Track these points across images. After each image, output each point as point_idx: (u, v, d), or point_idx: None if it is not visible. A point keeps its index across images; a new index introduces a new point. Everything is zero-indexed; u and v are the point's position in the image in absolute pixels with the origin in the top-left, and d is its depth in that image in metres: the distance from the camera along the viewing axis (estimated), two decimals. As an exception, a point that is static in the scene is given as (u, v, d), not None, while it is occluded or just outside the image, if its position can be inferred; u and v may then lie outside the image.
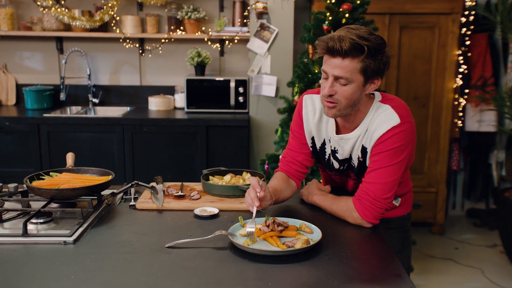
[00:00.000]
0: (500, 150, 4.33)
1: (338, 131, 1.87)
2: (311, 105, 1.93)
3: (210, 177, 2.17)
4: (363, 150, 1.80)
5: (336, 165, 1.94)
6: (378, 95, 1.82)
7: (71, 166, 2.08)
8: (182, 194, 2.01)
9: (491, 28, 4.09)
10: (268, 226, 1.60)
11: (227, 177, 2.14)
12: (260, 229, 1.60)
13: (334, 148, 1.90)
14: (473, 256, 3.95)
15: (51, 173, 1.98)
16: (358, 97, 1.71)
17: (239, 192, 1.99)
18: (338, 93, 1.70)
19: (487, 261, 3.87)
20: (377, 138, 1.72)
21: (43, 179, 1.93)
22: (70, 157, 2.13)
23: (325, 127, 1.91)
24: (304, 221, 1.69)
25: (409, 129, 1.72)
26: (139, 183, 2.07)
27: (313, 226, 1.66)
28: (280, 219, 1.68)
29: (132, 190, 2.05)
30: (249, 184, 1.99)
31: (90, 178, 1.96)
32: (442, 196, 4.20)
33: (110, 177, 1.96)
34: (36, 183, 1.86)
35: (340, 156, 1.90)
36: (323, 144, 1.94)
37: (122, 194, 2.03)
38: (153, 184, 2.13)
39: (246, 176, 2.15)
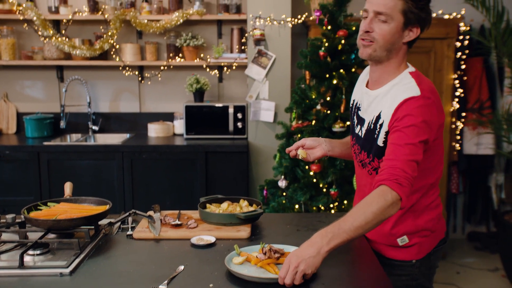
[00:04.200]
0: (499, 173, 4.33)
1: (367, 85, 1.86)
2: (364, 73, 1.94)
3: (207, 205, 2.17)
4: (378, 116, 1.72)
5: (355, 124, 1.87)
6: (411, 67, 1.78)
7: (69, 196, 2.09)
8: (179, 222, 2.01)
9: (486, 52, 4.14)
10: (265, 254, 1.60)
11: (224, 205, 2.14)
12: (257, 257, 1.60)
13: (359, 103, 1.87)
14: (475, 281, 3.91)
15: (48, 203, 1.99)
16: (395, 40, 1.68)
17: (236, 220, 1.99)
18: (376, 31, 1.68)
19: (489, 286, 3.83)
20: (395, 106, 1.65)
21: (41, 209, 1.94)
22: (68, 187, 2.14)
23: (361, 83, 1.91)
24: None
25: (428, 104, 1.62)
26: (137, 212, 2.08)
27: None
28: (276, 246, 1.68)
29: (130, 219, 2.06)
30: (245, 212, 2.00)
31: (87, 208, 1.97)
32: (442, 219, 4.18)
33: (107, 207, 1.97)
34: (33, 214, 1.87)
35: (361, 113, 1.84)
36: (353, 101, 1.93)
37: (119, 223, 2.04)
38: (151, 213, 2.14)
39: (243, 203, 2.16)
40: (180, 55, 4.33)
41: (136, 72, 4.45)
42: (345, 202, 3.34)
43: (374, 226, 1.53)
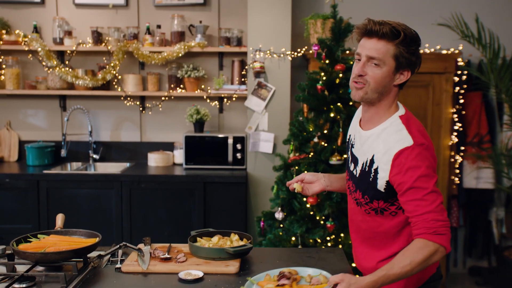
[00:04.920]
0: (499, 207, 4.30)
1: (360, 123, 1.91)
2: (359, 109, 1.96)
3: (198, 239, 2.17)
4: (372, 160, 1.77)
5: (350, 161, 1.92)
6: (402, 109, 1.81)
7: (60, 228, 2.10)
8: (168, 256, 2.01)
9: (484, 87, 4.16)
10: (287, 278, 1.69)
11: (215, 239, 2.14)
12: (277, 286, 1.68)
13: (353, 140, 1.92)
14: (476, 317, 3.84)
15: (38, 235, 2.00)
16: (386, 83, 1.74)
17: (225, 255, 1.99)
18: (369, 74, 1.72)
19: (489, 323, 3.76)
20: (391, 158, 1.69)
21: (31, 241, 1.95)
22: (59, 219, 2.15)
23: (355, 119, 1.96)
24: (321, 271, 1.79)
25: (423, 149, 1.67)
26: (127, 244, 2.08)
27: (325, 272, 1.76)
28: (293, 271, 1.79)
29: (120, 252, 2.06)
30: (235, 247, 2.00)
31: (77, 241, 1.98)
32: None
33: (96, 240, 1.97)
34: (22, 246, 1.88)
35: (355, 151, 1.89)
36: (349, 136, 1.98)
37: (109, 256, 2.04)
38: (141, 245, 2.14)
39: (234, 237, 2.16)
40: (181, 86, 4.38)
41: (138, 102, 4.50)
42: (342, 235, 3.32)
43: (417, 272, 1.62)
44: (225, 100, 4.43)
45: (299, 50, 4.15)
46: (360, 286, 1.53)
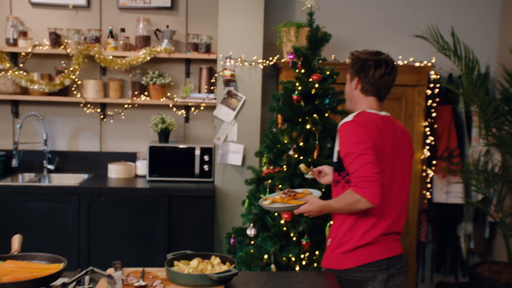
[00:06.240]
0: (467, 222, 4.29)
1: None
2: None
3: (175, 262, 1.96)
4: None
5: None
6: (370, 110, 2.18)
7: (17, 252, 1.84)
8: (143, 283, 1.79)
9: (454, 101, 4.15)
10: (285, 194, 2.27)
11: (194, 263, 1.94)
12: (280, 197, 2.25)
13: None
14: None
15: (-8, 261, 1.74)
16: (348, 90, 2.28)
17: (208, 281, 1.79)
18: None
19: None
20: (338, 130, 2.15)
21: (-17, 268, 1.69)
22: (16, 241, 1.89)
23: None
24: (306, 189, 2.44)
25: (356, 123, 2.06)
26: (95, 270, 1.84)
27: (314, 190, 2.41)
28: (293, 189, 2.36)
29: (87, 278, 1.83)
30: (219, 273, 1.81)
31: (38, 267, 1.73)
32: (412, 269, 4.07)
33: (61, 266, 1.74)
34: (-27, 275, 1.61)
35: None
36: None
37: (74, 283, 1.80)
38: (111, 271, 1.91)
39: (215, 261, 1.96)
40: (146, 93, 4.15)
41: (98, 110, 4.23)
42: (317, 252, 3.17)
43: (346, 212, 2.12)
44: (193, 109, 4.23)
45: (270, 58, 4.01)
46: (315, 205, 2.11)
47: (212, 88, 4.13)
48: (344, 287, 2.07)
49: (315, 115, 3.25)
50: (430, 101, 4.11)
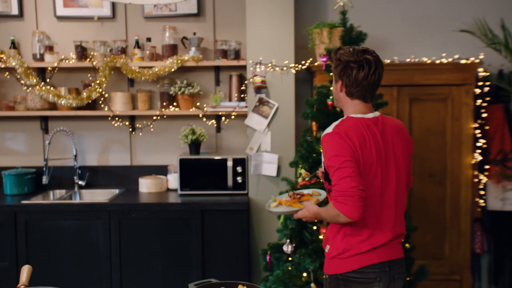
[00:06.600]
0: (527, 231, 3.91)
1: None
2: None
3: (199, 293, 1.77)
4: None
5: None
6: (356, 114, 2.12)
7: (24, 286, 1.68)
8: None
9: (507, 99, 3.80)
10: (290, 197, 2.26)
11: (219, 294, 1.74)
12: (285, 199, 2.27)
13: None
14: None
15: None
16: (335, 91, 2.21)
17: (234, 317, 1.58)
18: None
19: None
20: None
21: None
22: (25, 272, 1.74)
23: None
24: (315, 189, 2.39)
25: (334, 134, 2.03)
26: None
27: (321, 191, 2.32)
28: (297, 191, 2.32)
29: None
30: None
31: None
32: (467, 284, 3.74)
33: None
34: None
35: None
36: None
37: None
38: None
39: (242, 290, 1.76)
40: (175, 104, 4.00)
41: (127, 123, 4.11)
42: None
43: (331, 221, 2.10)
44: (223, 118, 4.05)
45: (303, 62, 3.78)
46: (309, 212, 2.15)
47: (243, 96, 3.94)
48: None
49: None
50: (479, 101, 3.77)
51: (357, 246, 2.06)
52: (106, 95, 4.00)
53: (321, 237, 2.94)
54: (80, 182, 4.06)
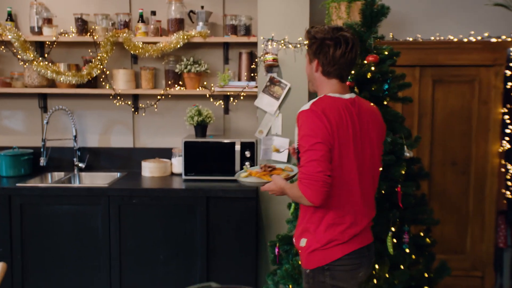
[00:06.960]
0: (556, 225, 3.65)
1: None
2: None
3: (195, 299, 1.54)
4: None
5: None
6: (332, 94, 2.05)
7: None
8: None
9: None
10: (262, 169, 2.25)
11: (219, 300, 1.51)
12: (257, 172, 2.26)
13: None
14: None
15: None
16: (309, 72, 2.13)
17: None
18: None
19: None
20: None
21: None
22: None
23: None
24: (288, 164, 2.37)
25: (311, 113, 1.94)
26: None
27: (294, 167, 2.28)
28: (270, 164, 2.33)
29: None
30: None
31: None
32: (489, 281, 3.50)
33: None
34: None
35: None
36: None
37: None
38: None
39: (246, 298, 1.53)
40: (180, 82, 3.76)
41: (130, 102, 3.88)
42: (376, 266, 2.68)
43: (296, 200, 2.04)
44: (232, 99, 3.80)
45: (318, 39, 3.50)
46: (276, 185, 2.12)
47: (253, 75, 3.68)
48: (339, 279, 2.03)
49: (371, 104, 2.75)
50: (510, 84, 3.48)
51: (340, 236, 2.02)
52: (108, 72, 3.78)
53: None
54: (80, 165, 3.85)
